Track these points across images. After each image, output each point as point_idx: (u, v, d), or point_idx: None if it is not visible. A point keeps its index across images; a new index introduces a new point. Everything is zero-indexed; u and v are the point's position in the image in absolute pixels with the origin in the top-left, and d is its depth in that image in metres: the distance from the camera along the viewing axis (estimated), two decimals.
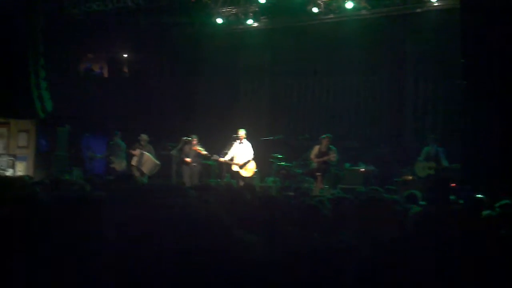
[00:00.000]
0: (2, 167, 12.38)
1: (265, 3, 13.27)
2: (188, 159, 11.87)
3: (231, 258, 2.10)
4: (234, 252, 2.15)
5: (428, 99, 12.89)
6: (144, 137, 12.56)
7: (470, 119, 11.47)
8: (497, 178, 10.01)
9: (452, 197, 5.52)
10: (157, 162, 12.41)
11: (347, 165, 12.33)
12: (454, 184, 10.63)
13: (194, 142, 11.96)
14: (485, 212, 4.59)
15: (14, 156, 12.89)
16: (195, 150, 11.90)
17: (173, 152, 12.29)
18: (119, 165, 12.75)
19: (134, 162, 12.41)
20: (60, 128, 13.62)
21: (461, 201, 5.34)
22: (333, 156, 11.03)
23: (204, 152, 11.93)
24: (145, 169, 12.26)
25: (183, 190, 3.93)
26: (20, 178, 8.78)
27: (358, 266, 2.30)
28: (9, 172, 12.18)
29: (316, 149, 11.24)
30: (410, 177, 11.24)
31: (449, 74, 12.39)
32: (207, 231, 2.21)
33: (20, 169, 12.68)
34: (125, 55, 15.93)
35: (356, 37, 12.96)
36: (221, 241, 2.18)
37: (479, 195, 5.19)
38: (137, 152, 12.39)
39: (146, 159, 12.33)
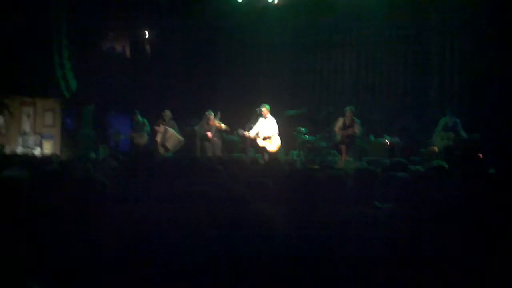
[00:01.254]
0: (29, 146, 12.60)
1: None
2: (208, 133, 11.92)
3: (255, 232, 2.11)
4: (258, 227, 2.15)
5: (453, 70, 12.64)
6: (167, 113, 12.66)
7: (495, 91, 11.28)
8: None
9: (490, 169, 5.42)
10: (181, 138, 12.50)
11: (372, 137, 12.24)
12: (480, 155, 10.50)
13: (211, 117, 11.99)
14: None
15: (41, 134, 13.10)
16: (215, 125, 11.95)
17: (197, 128, 12.36)
18: (141, 140, 12.88)
19: (158, 138, 12.52)
20: (85, 106, 13.77)
21: (492, 171, 5.26)
22: (357, 128, 10.98)
23: (223, 126, 11.97)
24: (169, 144, 12.37)
25: (208, 164, 3.95)
26: (48, 157, 8.96)
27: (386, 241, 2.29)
28: (36, 151, 12.39)
29: (340, 121, 11.19)
30: (436, 148, 11.12)
31: (476, 44, 12.13)
32: (233, 205, 2.21)
33: (47, 148, 12.90)
34: (147, 34, 15.93)
35: (379, 9, 12.73)
36: (246, 215, 2.18)
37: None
38: (161, 128, 12.49)
39: (170, 135, 12.43)
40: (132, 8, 14.27)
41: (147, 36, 15.90)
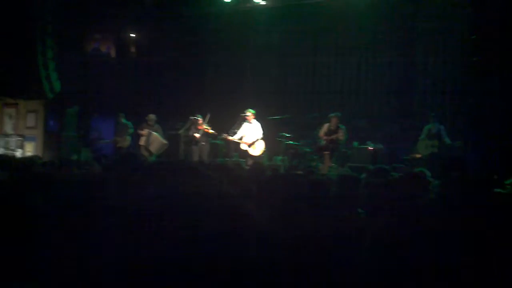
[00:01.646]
0: (11, 147, 12.46)
1: None
2: (197, 135, 11.89)
3: (241, 235, 2.10)
4: (243, 230, 2.15)
5: (437, 77, 12.77)
6: (151, 117, 12.62)
7: (479, 97, 11.43)
8: (507, 156, 10.02)
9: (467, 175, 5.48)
10: (165, 141, 12.45)
11: (356, 143, 12.30)
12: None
13: (200, 121, 11.97)
14: (496, 190, 4.56)
15: (23, 136, 12.97)
16: (202, 129, 11.92)
17: (181, 132, 12.31)
18: (123, 143, 12.80)
19: (142, 141, 12.46)
20: (69, 109, 13.65)
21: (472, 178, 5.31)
22: (341, 135, 11.03)
23: (211, 131, 11.94)
24: (153, 148, 12.32)
25: (195, 168, 3.93)
26: (29, 158, 8.84)
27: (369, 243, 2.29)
28: (18, 152, 12.26)
29: (325, 127, 11.24)
30: (418, 155, 11.20)
31: (460, 51, 12.29)
32: (217, 207, 2.20)
33: (29, 150, 12.77)
34: (132, 35, 15.86)
35: (365, 14, 12.82)
36: (230, 218, 2.17)
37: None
38: (145, 132, 12.44)
39: (154, 139, 12.38)
40: (117, 9, 14.18)
41: (132, 38, 15.82)
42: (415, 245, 2.27)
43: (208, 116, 11.98)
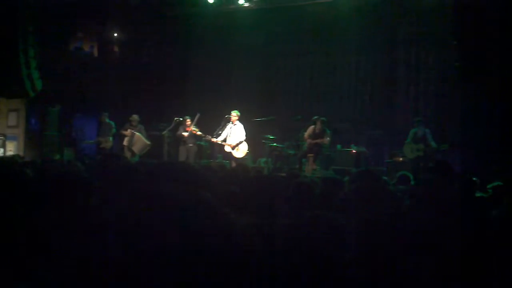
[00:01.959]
0: None
1: None
2: (185, 134, 11.84)
3: (223, 240, 2.08)
4: (226, 235, 2.12)
5: (420, 80, 12.89)
6: (135, 117, 12.50)
7: (462, 101, 11.56)
8: (489, 160, 10.14)
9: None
10: (148, 142, 12.37)
11: (339, 146, 12.35)
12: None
13: (188, 123, 11.92)
14: (478, 194, 4.60)
15: (4, 135, 12.79)
16: (190, 131, 11.87)
17: (165, 133, 12.25)
18: (106, 144, 12.66)
19: (125, 142, 12.36)
20: (51, 108, 13.50)
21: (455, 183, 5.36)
22: (326, 140, 11.03)
23: (199, 133, 11.89)
24: (136, 149, 12.22)
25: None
26: (10, 157, 8.73)
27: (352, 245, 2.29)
28: None
29: (310, 129, 11.24)
30: (401, 159, 11.28)
31: (442, 56, 12.43)
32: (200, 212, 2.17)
33: (10, 149, 12.60)
34: (116, 35, 15.75)
35: (349, 18, 12.88)
36: (214, 222, 2.15)
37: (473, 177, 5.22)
38: (128, 132, 12.34)
39: (137, 139, 12.29)
40: (101, 8, 14.08)
41: (115, 37, 15.72)
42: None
43: (197, 117, 11.90)
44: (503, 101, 10.87)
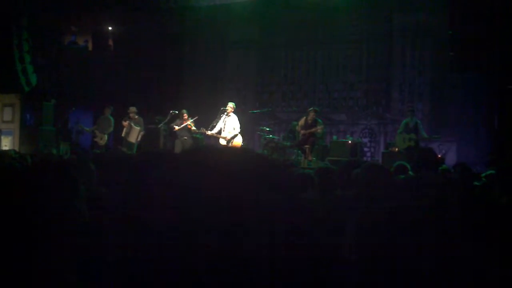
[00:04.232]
0: None
1: None
2: (176, 127, 11.85)
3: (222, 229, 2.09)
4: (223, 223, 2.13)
5: (415, 70, 12.91)
6: (133, 109, 12.38)
7: (457, 90, 11.61)
8: (485, 151, 10.21)
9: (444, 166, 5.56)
10: (138, 127, 12.23)
11: (335, 137, 12.38)
12: (440, 156, 10.78)
13: (185, 116, 11.90)
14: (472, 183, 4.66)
15: None
16: (186, 124, 11.86)
17: (161, 126, 12.23)
18: (100, 140, 12.56)
19: (123, 133, 12.31)
20: (46, 102, 13.46)
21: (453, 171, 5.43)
22: (319, 129, 11.04)
23: (194, 128, 11.86)
24: (131, 138, 12.16)
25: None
26: (5, 152, 8.71)
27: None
28: None
29: (302, 120, 11.24)
30: (397, 149, 11.31)
31: (437, 45, 12.44)
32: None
33: (5, 144, 12.58)
34: (110, 28, 15.71)
35: (344, 8, 12.89)
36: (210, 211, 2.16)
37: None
38: (126, 123, 12.27)
39: (133, 130, 12.23)
40: (95, 1, 14.03)
41: (110, 31, 15.68)
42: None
43: (195, 118, 11.89)
44: (498, 91, 10.93)
